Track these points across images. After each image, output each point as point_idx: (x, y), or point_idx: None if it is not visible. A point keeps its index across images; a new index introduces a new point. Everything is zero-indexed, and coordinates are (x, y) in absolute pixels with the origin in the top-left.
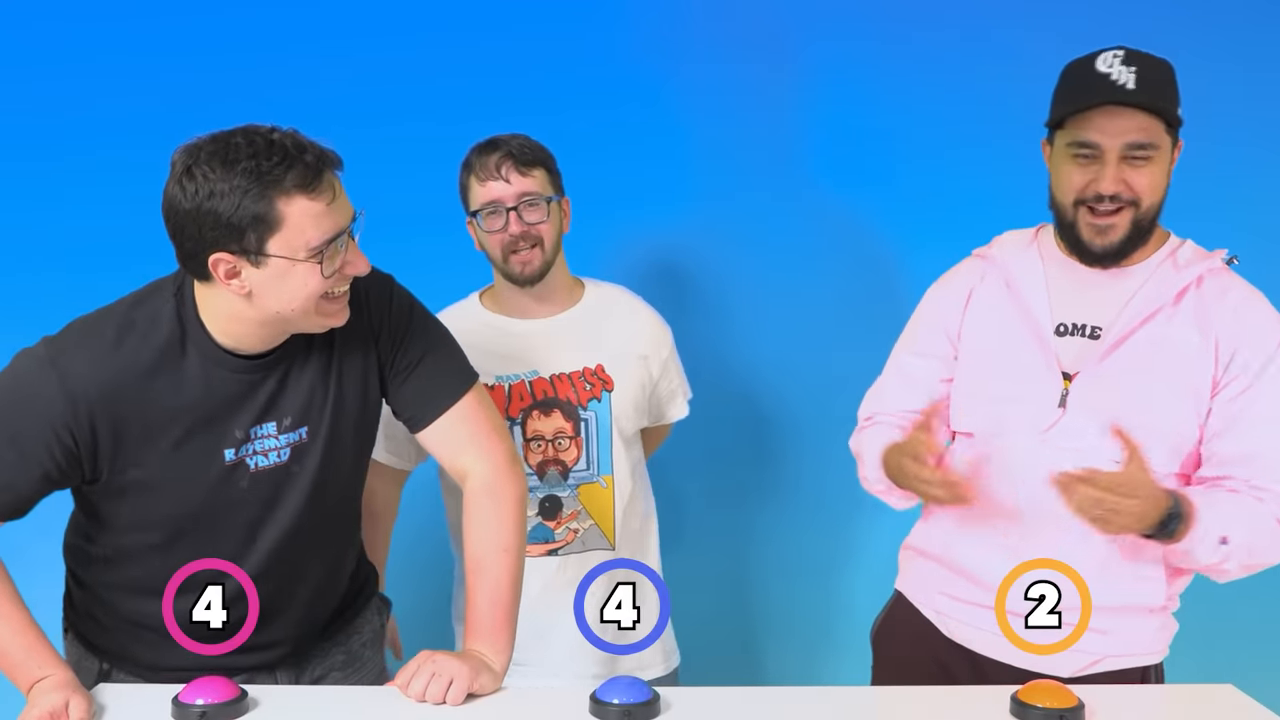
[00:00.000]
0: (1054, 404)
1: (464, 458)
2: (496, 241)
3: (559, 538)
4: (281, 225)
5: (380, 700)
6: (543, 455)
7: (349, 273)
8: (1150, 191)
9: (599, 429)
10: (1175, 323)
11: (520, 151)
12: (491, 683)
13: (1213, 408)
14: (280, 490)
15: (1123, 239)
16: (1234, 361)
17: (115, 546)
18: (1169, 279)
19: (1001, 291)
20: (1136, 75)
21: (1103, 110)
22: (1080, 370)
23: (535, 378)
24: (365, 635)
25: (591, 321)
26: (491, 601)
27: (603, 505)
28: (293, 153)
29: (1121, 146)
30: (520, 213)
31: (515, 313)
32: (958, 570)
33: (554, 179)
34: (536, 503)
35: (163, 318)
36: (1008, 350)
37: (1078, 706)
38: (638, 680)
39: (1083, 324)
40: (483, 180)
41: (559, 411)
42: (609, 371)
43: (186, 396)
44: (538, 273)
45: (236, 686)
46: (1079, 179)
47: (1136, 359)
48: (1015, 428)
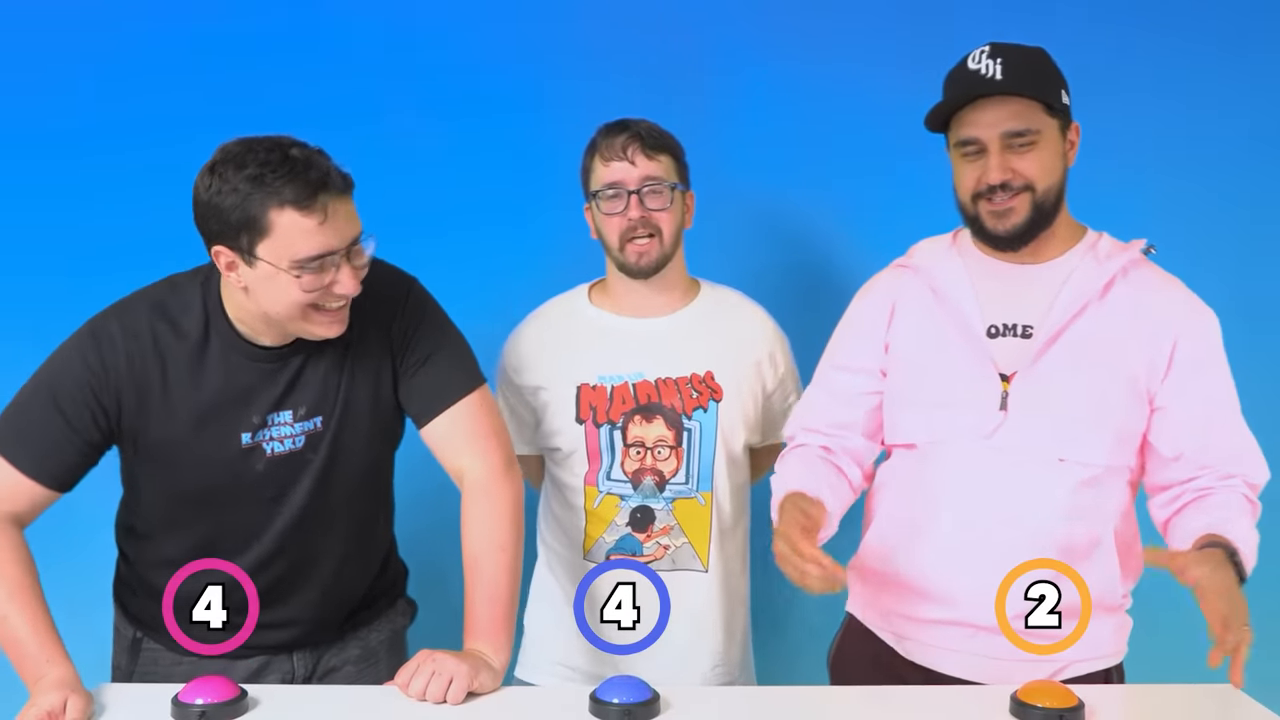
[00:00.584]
0: (995, 407)
1: (461, 458)
2: (614, 226)
3: (647, 552)
4: (270, 233)
5: (380, 699)
6: (640, 463)
7: (336, 292)
8: (1040, 174)
9: (702, 441)
10: (1105, 315)
11: (649, 135)
12: (491, 681)
13: (1161, 398)
14: (296, 475)
15: (1024, 221)
16: (1177, 352)
17: (149, 522)
18: (1093, 272)
19: (927, 298)
20: (1003, 65)
21: (975, 105)
22: (1017, 370)
23: (640, 380)
24: (384, 634)
25: (704, 325)
26: (488, 600)
27: (699, 523)
28: (298, 168)
29: (1000, 136)
30: (642, 197)
31: (625, 310)
32: (912, 588)
33: (680, 168)
34: (628, 512)
35: (192, 302)
36: (941, 356)
37: (1078, 706)
38: (638, 679)
39: (1013, 324)
40: (607, 161)
41: (661, 418)
42: (719, 380)
43: (207, 378)
44: (654, 264)
45: (236, 686)
46: (970, 176)
47: (1071, 354)
48: (958, 433)
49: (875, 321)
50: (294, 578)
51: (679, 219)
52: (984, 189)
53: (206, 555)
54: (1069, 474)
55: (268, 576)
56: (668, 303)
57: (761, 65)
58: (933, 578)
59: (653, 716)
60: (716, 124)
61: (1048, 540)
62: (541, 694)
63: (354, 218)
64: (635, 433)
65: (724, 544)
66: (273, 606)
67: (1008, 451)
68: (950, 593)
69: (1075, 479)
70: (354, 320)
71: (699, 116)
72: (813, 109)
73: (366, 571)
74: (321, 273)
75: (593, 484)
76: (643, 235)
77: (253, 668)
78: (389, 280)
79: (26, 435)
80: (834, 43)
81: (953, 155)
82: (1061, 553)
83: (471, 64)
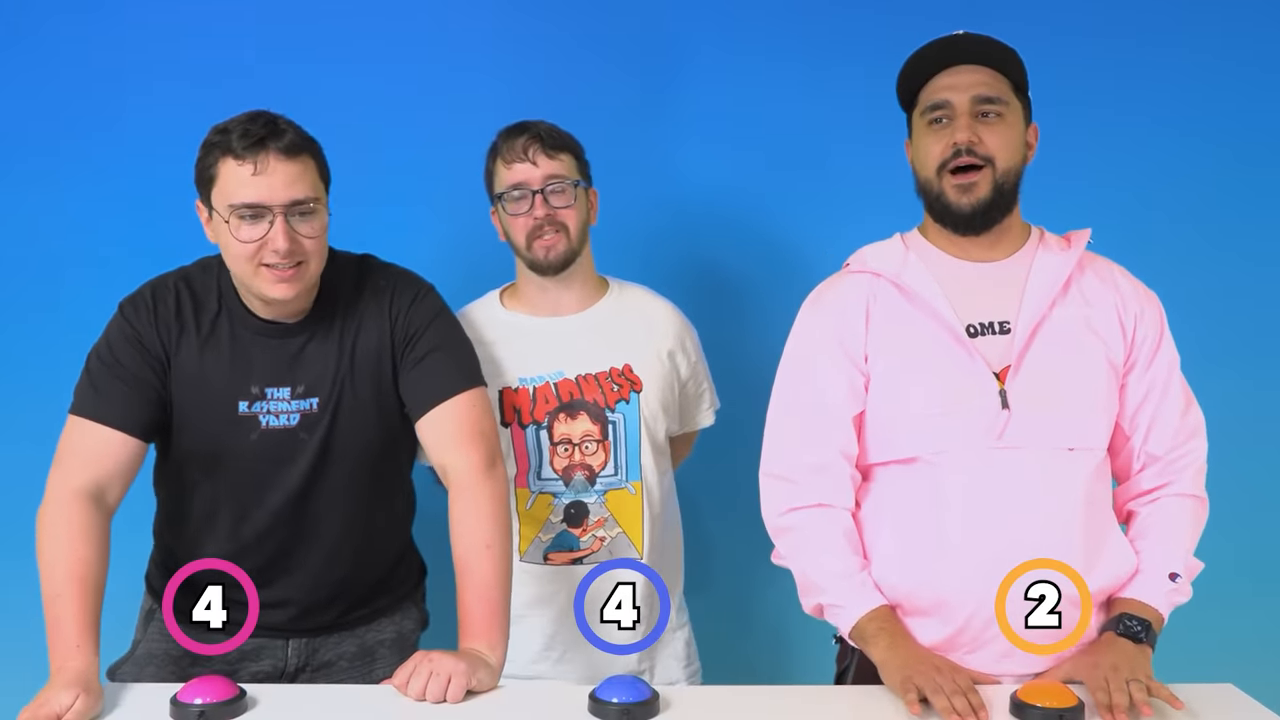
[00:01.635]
0: (997, 406)
1: (447, 455)
2: (521, 226)
3: (585, 545)
4: (216, 181)
5: (380, 699)
6: (569, 460)
7: (270, 247)
8: (1002, 151)
9: (628, 432)
10: (1071, 304)
11: (548, 135)
12: (489, 679)
13: (1127, 384)
14: (288, 452)
15: (986, 198)
16: (1135, 335)
17: (169, 491)
18: (1054, 263)
19: (899, 302)
20: (975, 40)
21: (948, 71)
22: (1008, 366)
23: (561, 379)
24: (386, 635)
25: (618, 319)
26: (479, 598)
27: (632, 512)
28: (247, 125)
29: (970, 101)
30: (547, 196)
31: (538, 310)
32: (918, 609)
33: (581, 166)
34: (561, 509)
35: (211, 279)
36: (929, 362)
37: (1077, 706)
38: (637, 679)
39: (989, 321)
40: (509, 163)
41: (586, 414)
42: (637, 371)
43: (215, 346)
44: (561, 258)
45: (235, 686)
46: (937, 145)
47: (1053, 344)
48: (964, 439)
49: (853, 330)
50: (285, 559)
51: (584, 215)
52: (950, 155)
53: (214, 521)
54: (1081, 462)
55: (260, 554)
56: (579, 299)
57: (717, 61)
58: (946, 597)
59: (652, 716)
60: (667, 125)
61: (1075, 532)
62: (541, 694)
63: (298, 182)
64: (561, 430)
65: (655, 529)
66: (265, 586)
67: (1019, 449)
68: (965, 610)
69: (1089, 466)
70: (361, 314)
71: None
72: (767, 109)
73: (366, 565)
74: (255, 223)
75: (523, 485)
76: (549, 232)
77: (245, 650)
78: (405, 281)
79: (101, 394)
80: (784, 41)
81: (917, 132)
82: (1086, 543)
83: (470, 67)
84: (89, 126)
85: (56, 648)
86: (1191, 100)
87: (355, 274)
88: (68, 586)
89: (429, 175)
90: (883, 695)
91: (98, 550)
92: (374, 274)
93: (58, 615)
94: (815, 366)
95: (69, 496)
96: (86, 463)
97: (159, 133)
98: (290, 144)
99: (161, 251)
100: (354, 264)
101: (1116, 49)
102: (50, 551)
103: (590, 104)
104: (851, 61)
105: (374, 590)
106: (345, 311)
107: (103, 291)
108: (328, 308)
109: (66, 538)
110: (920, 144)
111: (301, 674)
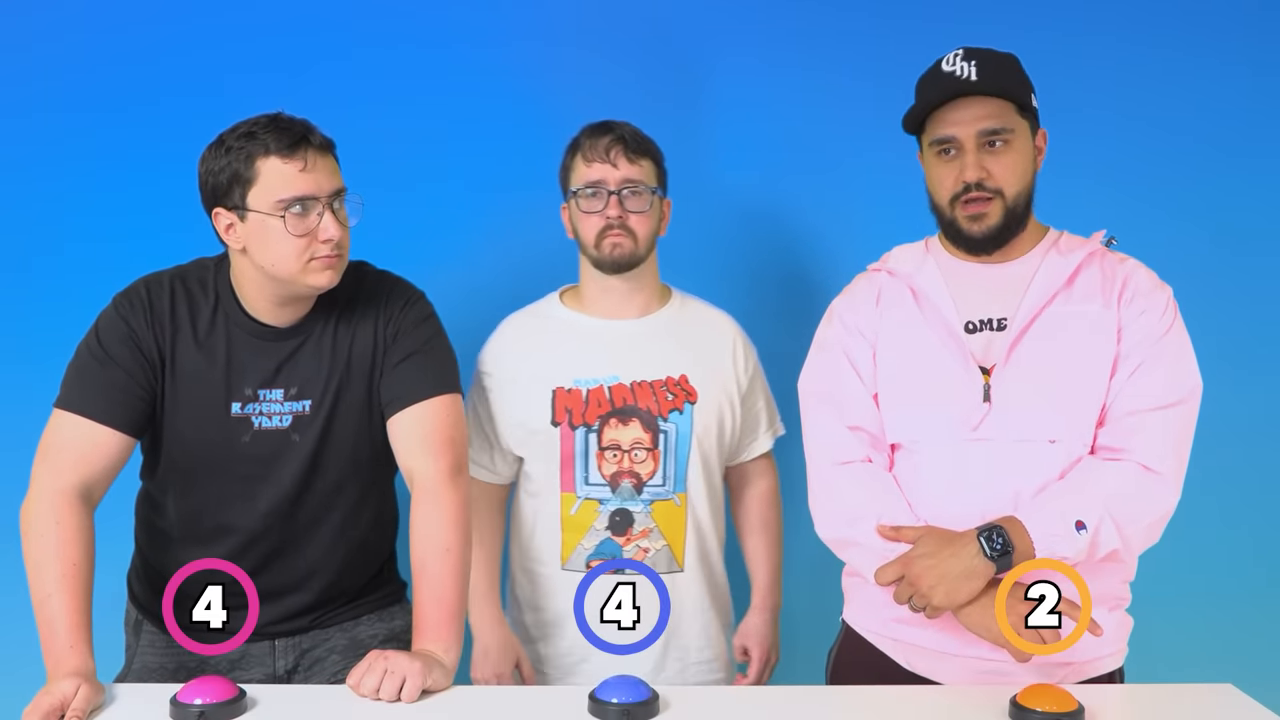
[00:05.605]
0: (978, 399)
1: (413, 458)
2: (592, 224)
3: (626, 555)
4: (256, 180)
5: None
6: (617, 466)
7: (321, 237)
8: (1011, 178)
9: (678, 443)
10: (1074, 301)
11: (632, 139)
12: (443, 679)
13: (1117, 366)
14: (280, 453)
15: (998, 225)
16: (1133, 323)
17: (153, 491)
18: (1059, 263)
19: (908, 300)
20: (978, 67)
21: (952, 105)
22: (996, 362)
23: (615, 383)
24: (376, 632)
25: (678, 328)
26: (435, 600)
27: (675, 525)
28: (282, 124)
29: (976, 135)
30: (622, 199)
31: (598, 311)
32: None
33: (660, 174)
34: (607, 516)
35: (207, 278)
36: (923, 356)
37: (1077, 710)
38: (637, 679)
39: (988, 319)
40: (589, 161)
41: (638, 421)
42: (693, 383)
43: (210, 346)
44: (627, 257)
45: (235, 686)
46: (947, 176)
47: (1046, 340)
48: (940, 430)
49: (869, 323)
50: (275, 560)
51: (654, 224)
52: (961, 189)
53: (200, 525)
54: (1063, 453)
55: (250, 555)
56: (641, 305)
57: (744, 70)
58: None
59: (651, 716)
60: (697, 129)
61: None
62: (541, 693)
63: (336, 174)
64: (611, 435)
65: (700, 544)
66: (257, 575)
67: (996, 441)
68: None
69: (1071, 458)
70: (355, 318)
71: (679, 122)
72: (792, 115)
73: (355, 566)
74: (305, 216)
75: (570, 490)
76: (618, 232)
77: (234, 658)
78: (398, 288)
79: (91, 389)
80: (808, 48)
81: (927, 157)
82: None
83: (454, 72)
84: (90, 126)
85: (51, 649)
86: (1192, 100)
87: (350, 279)
88: (59, 588)
89: (436, 176)
90: (880, 695)
91: (86, 551)
92: (368, 280)
93: (50, 617)
94: (850, 351)
95: (57, 495)
96: (75, 459)
97: (159, 133)
98: (323, 140)
99: (149, 250)
100: (349, 269)
101: (1116, 49)
102: (40, 552)
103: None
104: (881, 68)
105: (363, 589)
106: (339, 315)
107: (81, 288)
108: (322, 312)
109: (57, 539)
110: (931, 172)
111: (295, 675)
